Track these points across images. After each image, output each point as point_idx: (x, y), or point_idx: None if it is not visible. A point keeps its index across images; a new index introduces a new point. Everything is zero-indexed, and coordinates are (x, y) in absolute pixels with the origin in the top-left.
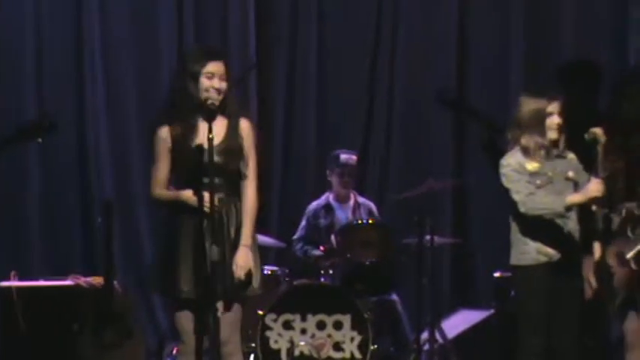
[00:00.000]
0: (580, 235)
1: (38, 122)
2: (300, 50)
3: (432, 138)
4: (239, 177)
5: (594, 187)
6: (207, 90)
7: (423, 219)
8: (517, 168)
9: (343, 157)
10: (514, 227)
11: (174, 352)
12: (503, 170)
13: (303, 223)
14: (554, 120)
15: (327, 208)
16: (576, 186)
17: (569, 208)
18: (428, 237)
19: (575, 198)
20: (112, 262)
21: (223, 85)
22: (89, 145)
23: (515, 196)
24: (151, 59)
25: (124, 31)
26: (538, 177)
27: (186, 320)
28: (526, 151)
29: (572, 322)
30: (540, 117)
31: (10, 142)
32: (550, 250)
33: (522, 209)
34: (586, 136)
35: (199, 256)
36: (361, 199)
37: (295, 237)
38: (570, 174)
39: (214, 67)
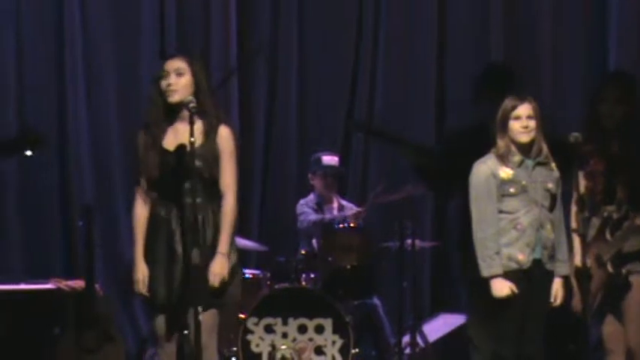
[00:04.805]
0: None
1: (26, 136)
2: (281, 54)
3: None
4: (216, 182)
5: (558, 289)
6: (165, 91)
7: (404, 223)
8: (487, 177)
9: (325, 158)
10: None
11: (155, 356)
12: (472, 177)
13: (305, 209)
14: (521, 123)
15: (317, 204)
16: (553, 199)
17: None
18: (409, 240)
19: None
20: (93, 266)
21: (181, 80)
22: (70, 148)
23: (474, 215)
24: (133, 66)
25: (105, 39)
26: (511, 185)
27: (162, 324)
28: (500, 156)
29: (539, 331)
30: (505, 119)
31: None
32: (521, 257)
33: (476, 231)
34: (570, 138)
35: (172, 260)
36: (344, 202)
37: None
38: (550, 185)
39: (167, 65)
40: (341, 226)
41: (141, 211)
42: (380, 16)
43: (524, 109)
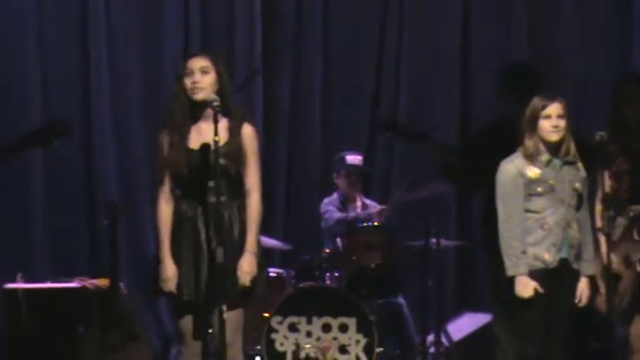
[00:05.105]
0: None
1: (53, 126)
2: (305, 53)
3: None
4: (241, 180)
5: (584, 289)
6: (190, 89)
7: (429, 221)
8: (514, 176)
9: (349, 157)
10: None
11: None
12: (499, 176)
13: (329, 207)
14: (551, 122)
15: (341, 203)
16: (580, 198)
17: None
18: (433, 239)
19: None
20: (118, 264)
21: (206, 78)
22: (94, 146)
23: (501, 213)
24: (157, 64)
25: (130, 36)
26: (539, 184)
27: (188, 322)
28: (527, 155)
29: (563, 331)
30: (534, 118)
31: (25, 145)
32: (547, 257)
33: (502, 230)
34: (596, 137)
35: (199, 258)
36: (368, 201)
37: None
38: (577, 185)
39: (191, 63)
40: (365, 224)
41: (165, 210)
42: (404, 12)
43: (554, 108)
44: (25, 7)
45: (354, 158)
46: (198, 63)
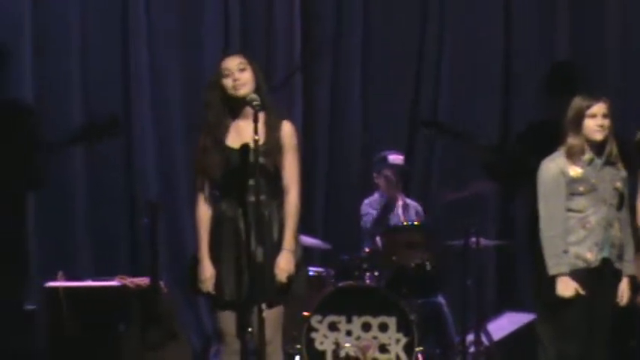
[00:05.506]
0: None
1: (103, 122)
2: (344, 52)
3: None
4: (279, 178)
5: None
6: (232, 87)
7: (468, 221)
8: (556, 175)
9: (391, 157)
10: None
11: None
12: (541, 174)
13: (368, 209)
14: (596, 122)
15: (382, 203)
16: (621, 197)
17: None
18: (473, 239)
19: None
20: (158, 263)
21: (244, 74)
22: (135, 146)
23: (542, 213)
24: (197, 62)
25: (170, 34)
26: (581, 183)
27: (228, 321)
28: (570, 154)
29: (605, 331)
30: (579, 117)
31: (73, 142)
32: (589, 256)
33: (544, 229)
34: (637, 136)
35: (241, 257)
36: (408, 200)
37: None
38: (618, 184)
39: (227, 63)
40: (405, 223)
41: (204, 211)
42: (445, 11)
43: (599, 108)
44: (68, 7)
45: (395, 158)
46: (234, 61)
